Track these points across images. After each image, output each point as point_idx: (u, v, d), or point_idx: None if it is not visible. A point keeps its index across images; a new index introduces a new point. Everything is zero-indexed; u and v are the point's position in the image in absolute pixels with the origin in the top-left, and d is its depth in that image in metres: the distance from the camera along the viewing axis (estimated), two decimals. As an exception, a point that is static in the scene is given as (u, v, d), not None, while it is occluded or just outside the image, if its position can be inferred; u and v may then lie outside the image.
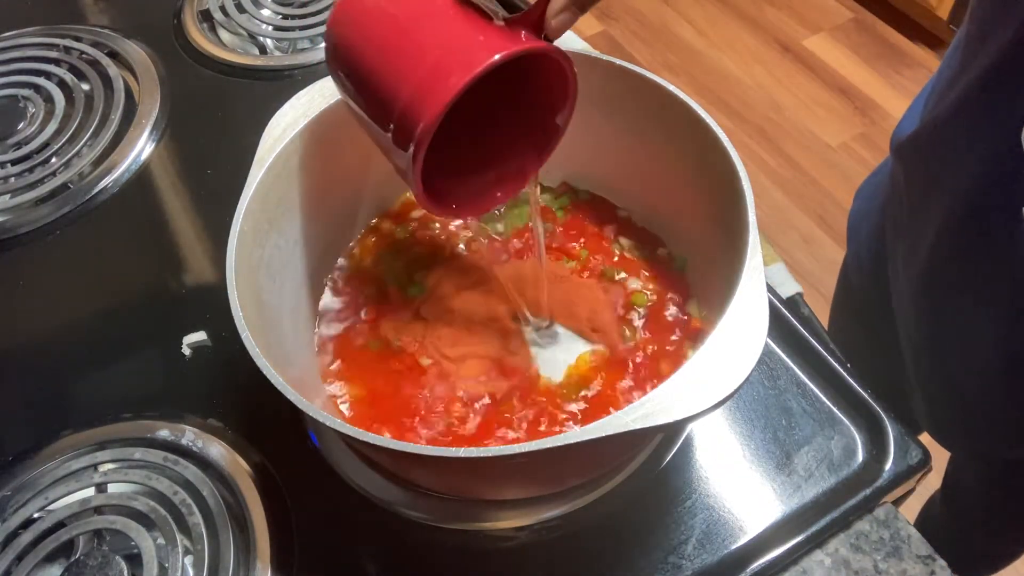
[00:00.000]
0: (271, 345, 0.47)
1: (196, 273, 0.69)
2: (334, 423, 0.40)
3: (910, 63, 2.10)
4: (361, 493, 0.54)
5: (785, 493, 0.53)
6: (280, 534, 0.53)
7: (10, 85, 0.82)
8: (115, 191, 0.75)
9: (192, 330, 0.63)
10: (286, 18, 0.88)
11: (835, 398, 0.57)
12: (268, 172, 0.51)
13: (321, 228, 0.57)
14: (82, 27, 0.89)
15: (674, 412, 0.38)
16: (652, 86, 0.53)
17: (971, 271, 0.59)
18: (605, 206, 0.62)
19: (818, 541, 0.52)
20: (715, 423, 0.57)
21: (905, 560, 0.51)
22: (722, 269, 0.47)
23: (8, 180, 0.76)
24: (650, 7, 2.33)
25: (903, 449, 0.54)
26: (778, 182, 1.90)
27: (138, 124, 0.79)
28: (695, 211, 0.54)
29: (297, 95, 0.54)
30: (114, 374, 0.64)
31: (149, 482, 0.55)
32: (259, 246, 0.50)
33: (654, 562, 0.51)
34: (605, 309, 0.56)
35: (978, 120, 0.53)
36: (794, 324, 0.60)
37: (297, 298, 0.55)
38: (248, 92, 0.81)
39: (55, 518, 0.54)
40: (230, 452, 0.57)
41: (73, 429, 0.59)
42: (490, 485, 0.53)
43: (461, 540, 0.54)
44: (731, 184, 0.47)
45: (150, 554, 0.52)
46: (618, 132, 0.58)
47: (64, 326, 0.67)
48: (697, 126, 0.51)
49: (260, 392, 0.42)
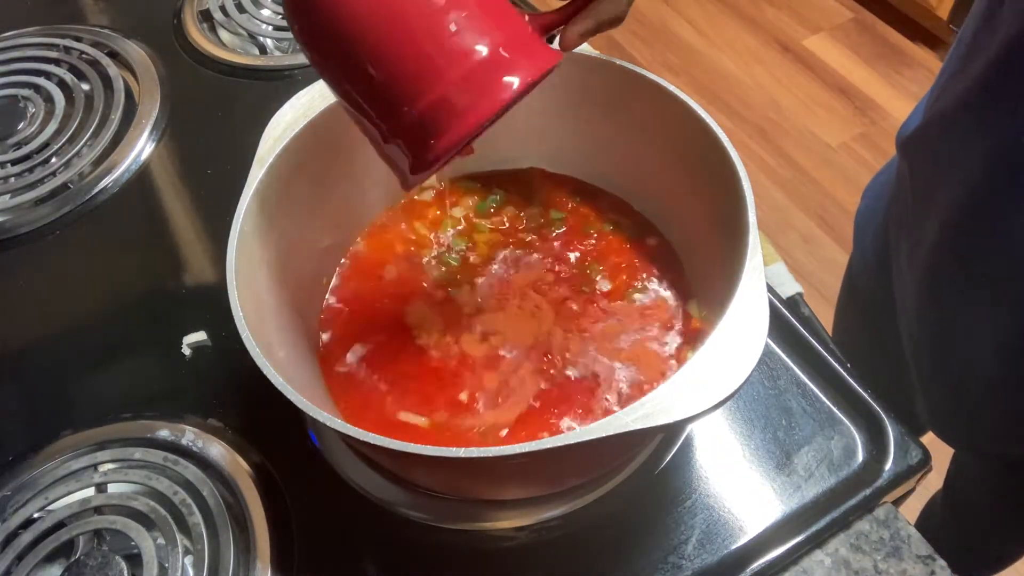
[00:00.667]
0: (271, 345, 0.47)
1: (196, 273, 0.69)
2: (334, 423, 0.40)
3: (910, 63, 2.10)
4: (361, 493, 0.54)
5: (785, 493, 0.53)
6: (280, 534, 0.53)
7: (10, 85, 0.82)
8: (115, 191, 0.75)
9: (192, 330, 0.63)
10: (286, 18, 0.87)
11: (835, 398, 0.57)
12: (268, 172, 0.51)
13: (321, 228, 0.57)
14: (82, 27, 0.89)
15: (674, 412, 0.38)
16: (652, 86, 0.53)
17: (974, 268, 0.59)
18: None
19: (818, 541, 0.52)
20: (715, 423, 0.57)
21: (905, 560, 0.51)
22: (722, 269, 0.47)
23: (8, 180, 0.76)
24: (650, 7, 2.33)
25: (903, 449, 0.54)
26: (778, 182, 1.90)
27: (138, 124, 0.79)
28: (695, 211, 0.54)
29: (297, 95, 0.54)
30: (114, 374, 0.64)
31: (149, 482, 0.55)
32: (259, 246, 0.50)
33: (654, 562, 0.51)
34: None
35: (983, 113, 0.53)
36: (794, 324, 0.60)
37: (297, 298, 0.55)
38: (248, 92, 0.81)
39: (55, 518, 0.54)
40: (230, 452, 0.57)
41: (73, 429, 0.59)
42: (490, 485, 0.53)
43: (461, 540, 0.54)
44: (731, 184, 0.47)
45: (150, 554, 0.52)
46: (618, 132, 0.58)
47: (64, 326, 0.67)
48: (697, 126, 0.51)
49: (260, 392, 0.42)
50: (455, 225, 0.61)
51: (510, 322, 0.56)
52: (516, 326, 0.56)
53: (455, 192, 0.63)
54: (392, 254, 0.61)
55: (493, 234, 0.61)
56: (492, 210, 0.62)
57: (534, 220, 0.61)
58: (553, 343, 0.55)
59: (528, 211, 0.62)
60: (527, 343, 0.55)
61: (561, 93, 0.58)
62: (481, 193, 0.63)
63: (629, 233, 0.60)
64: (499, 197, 0.62)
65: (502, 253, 0.60)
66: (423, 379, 0.54)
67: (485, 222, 0.61)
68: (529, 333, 0.56)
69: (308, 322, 0.57)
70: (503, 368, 0.54)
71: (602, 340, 0.55)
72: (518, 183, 0.64)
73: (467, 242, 0.61)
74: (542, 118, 0.60)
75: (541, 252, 0.60)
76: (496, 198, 0.62)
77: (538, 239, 0.60)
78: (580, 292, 0.57)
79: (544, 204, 0.62)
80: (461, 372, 0.54)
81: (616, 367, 0.54)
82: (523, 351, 0.55)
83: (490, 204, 0.62)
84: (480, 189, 0.63)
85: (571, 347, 0.55)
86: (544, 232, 0.61)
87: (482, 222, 0.61)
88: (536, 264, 0.59)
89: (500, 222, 0.61)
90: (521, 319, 0.56)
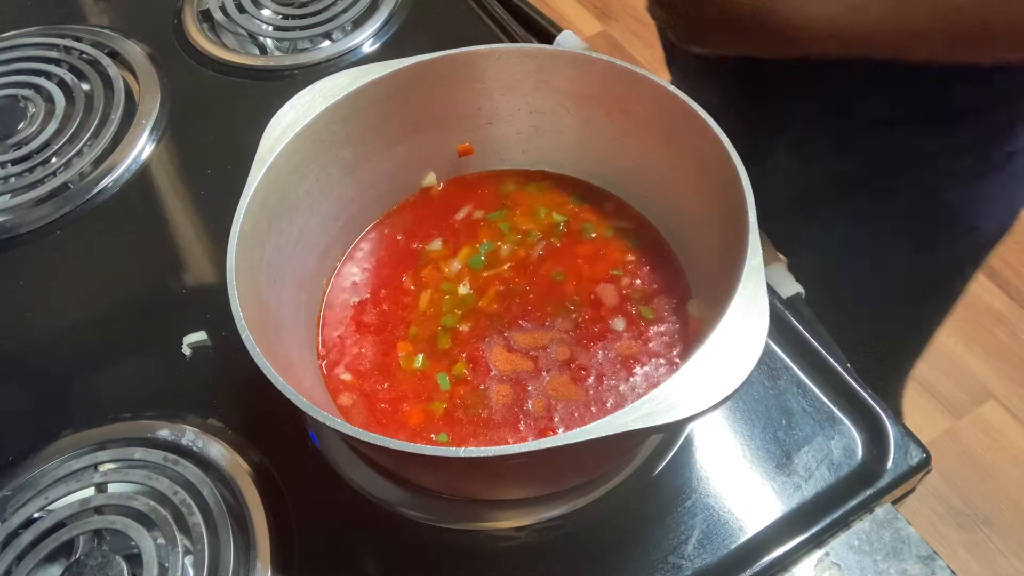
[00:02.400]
0: (271, 345, 0.47)
1: (196, 273, 0.69)
2: (334, 423, 0.40)
3: (910, 63, 2.10)
4: (361, 493, 0.54)
5: (785, 493, 0.53)
6: (280, 534, 0.53)
7: (10, 85, 0.82)
8: (115, 191, 0.75)
9: (192, 330, 0.63)
10: (286, 18, 0.88)
11: (835, 398, 0.57)
12: (268, 172, 0.51)
13: (321, 228, 0.57)
14: (82, 27, 0.89)
15: (674, 412, 0.38)
16: (652, 86, 0.53)
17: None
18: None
19: (818, 541, 0.52)
20: (715, 423, 0.57)
21: (905, 560, 0.51)
22: (722, 269, 0.47)
23: (8, 180, 0.76)
24: (650, 7, 2.33)
25: (903, 449, 0.54)
26: (778, 182, 1.89)
27: (138, 124, 0.79)
28: (695, 211, 0.54)
29: (297, 95, 0.54)
30: (114, 374, 0.64)
31: (149, 482, 0.55)
32: (259, 246, 0.50)
33: (654, 562, 0.51)
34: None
35: None
36: (794, 324, 0.60)
37: (297, 298, 0.55)
38: (248, 92, 0.81)
39: (55, 518, 0.54)
40: (230, 452, 0.57)
41: (73, 429, 0.59)
42: (490, 485, 0.53)
43: (461, 540, 0.54)
44: (731, 184, 0.47)
45: (150, 554, 0.52)
46: (618, 132, 0.58)
47: (64, 326, 0.67)
48: (697, 126, 0.51)
49: (260, 392, 0.42)
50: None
51: (512, 325, 0.56)
52: (518, 329, 0.56)
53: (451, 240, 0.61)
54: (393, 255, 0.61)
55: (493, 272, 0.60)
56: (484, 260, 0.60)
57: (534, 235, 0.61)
58: (554, 343, 0.55)
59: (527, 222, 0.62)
60: (532, 346, 0.55)
61: (561, 93, 0.58)
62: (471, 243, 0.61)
63: (629, 232, 0.60)
64: (487, 246, 0.60)
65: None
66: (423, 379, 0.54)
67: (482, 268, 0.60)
68: (533, 337, 0.56)
69: (308, 322, 0.57)
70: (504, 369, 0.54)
71: (602, 340, 0.55)
72: (518, 183, 0.64)
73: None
74: (542, 118, 0.60)
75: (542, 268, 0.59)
76: (487, 246, 0.60)
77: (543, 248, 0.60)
78: (580, 293, 0.57)
79: (545, 206, 0.62)
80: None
81: (616, 367, 0.54)
82: (526, 353, 0.55)
83: (482, 254, 0.60)
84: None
85: (571, 347, 0.55)
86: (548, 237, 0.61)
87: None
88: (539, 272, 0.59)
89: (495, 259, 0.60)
90: (527, 324, 0.56)
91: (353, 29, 0.85)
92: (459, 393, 0.53)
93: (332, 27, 0.85)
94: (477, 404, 0.52)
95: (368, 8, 0.87)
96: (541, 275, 0.58)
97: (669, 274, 0.58)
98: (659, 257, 0.59)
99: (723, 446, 0.56)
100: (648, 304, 0.56)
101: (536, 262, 0.59)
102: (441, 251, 0.60)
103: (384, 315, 0.57)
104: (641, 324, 0.55)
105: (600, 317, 0.56)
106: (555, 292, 0.57)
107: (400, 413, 0.53)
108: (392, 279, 0.59)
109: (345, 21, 0.85)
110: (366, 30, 0.84)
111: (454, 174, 0.64)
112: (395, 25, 0.85)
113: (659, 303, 0.56)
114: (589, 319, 0.56)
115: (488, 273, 0.59)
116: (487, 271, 0.59)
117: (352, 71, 0.55)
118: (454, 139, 0.62)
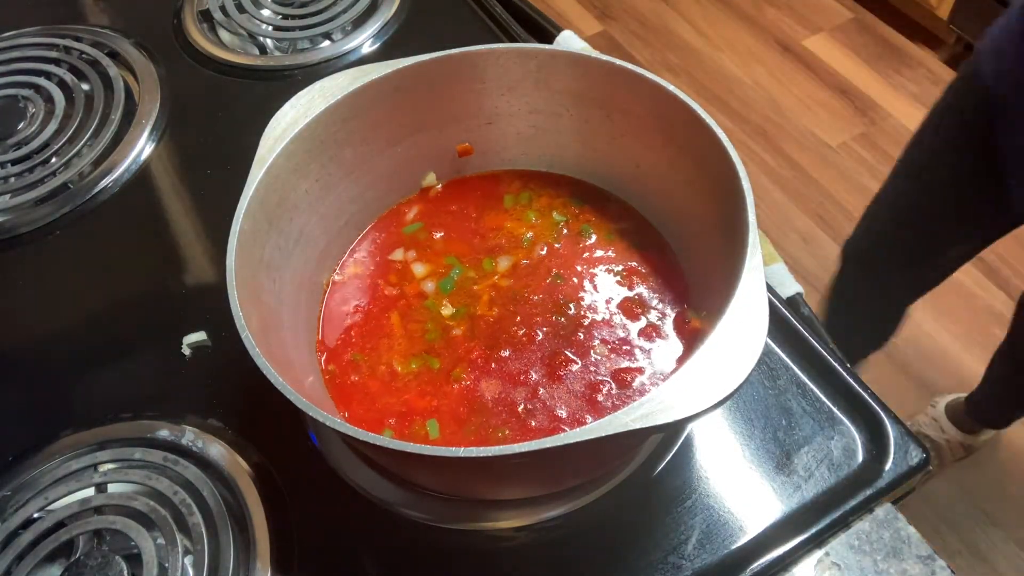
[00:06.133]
0: (271, 345, 0.47)
1: (196, 273, 0.69)
2: (334, 423, 0.40)
3: (910, 63, 2.10)
4: (361, 493, 0.54)
5: (785, 493, 0.53)
6: (280, 534, 0.53)
7: (10, 85, 0.82)
8: (115, 191, 0.75)
9: (192, 330, 0.63)
10: (286, 18, 0.88)
11: (835, 398, 0.57)
12: (268, 172, 0.51)
13: (321, 228, 0.57)
14: (82, 27, 0.89)
15: (674, 412, 0.38)
16: (652, 86, 0.53)
17: None
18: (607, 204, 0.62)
19: (818, 541, 0.52)
20: (715, 423, 0.57)
21: (905, 560, 0.51)
22: (722, 269, 0.47)
23: (8, 180, 0.76)
24: (650, 7, 2.34)
25: (903, 449, 0.54)
26: (778, 182, 1.90)
27: (138, 124, 0.79)
28: (695, 210, 0.54)
29: (297, 95, 0.54)
30: (114, 374, 0.64)
31: (149, 482, 0.55)
32: (259, 246, 0.50)
33: (654, 562, 0.51)
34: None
35: None
36: (794, 324, 0.60)
37: (297, 298, 0.55)
38: (248, 92, 0.81)
39: (55, 518, 0.54)
40: (230, 452, 0.57)
41: (73, 429, 0.59)
42: (490, 485, 0.53)
43: (461, 540, 0.54)
44: (731, 184, 0.47)
45: (150, 554, 0.52)
46: (617, 132, 0.58)
47: (64, 326, 0.67)
48: (697, 126, 0.51)
49: (260, 392, 0.42)
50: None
51: (512, 326, 0.56)
52: (518, 330, 0.56)
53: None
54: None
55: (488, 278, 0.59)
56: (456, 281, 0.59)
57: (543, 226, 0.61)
58: (554, 344, 0.55)
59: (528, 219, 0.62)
60: (530, 346, 0.55)
61: (561, 93, 0.58)
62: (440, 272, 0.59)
63: (629, 233, 0.60)
64: (457, 270, 0.59)
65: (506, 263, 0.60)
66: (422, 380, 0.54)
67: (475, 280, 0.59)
68: (531, 337, 0.56)
69: (308, 322, 0.57)
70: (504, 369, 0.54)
71: (602, 340, 0.55)
72: (517, 183, 0.64)
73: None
74: (542, 119, 0.60)
75: (543, 263, 0.60)
76: (457, 271, 0.59)
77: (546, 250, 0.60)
78: (580, 296, 0.57)
79: (545, 206, 0.62)
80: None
81: (616, 367, 0.54)
82: (526, 354, 0.55)
83: (453, 277, 0.59)
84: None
85: (572, 347, 0.55)
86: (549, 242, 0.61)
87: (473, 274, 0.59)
88: (537, 270, 0.59)
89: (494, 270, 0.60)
90: (525, 327, 0.56)
91: (353, 29, 0.85)
92: (458, 392, 0.53)
93: (332, 27, 0.85)
94: (477, 404, 0.52)
95: (368, 8, 0.87)
96: (540, 276, 0.58)
97: (669, 274, 0.58)
98: (659, 257, 0.59)
99: (723, 446, 0.56)
100: (648, 304, 0.56)
101: (536, 262, 0.59)
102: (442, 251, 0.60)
103: (384, 315, 0.57)
104: (641, 324, 0.55)
105: (600, 317, 0.56)
106: (554, 292, 0.57)
107: (400, 413, 0.53)
108: (392, 279, 0.59)
109: (345, 21, 0.85)
110: (366, 30, 0.84)
111: (454, 174, 0.64)
112: (395, 25, 0.85)
113: (659, 303, 0.56)
114: (589, 319, 0.56)
115: (483, 284, 0.59)
116: (487, 274, 0.59)
117: (352, 71, 0.55)
118: (454, 139, 0.62)
